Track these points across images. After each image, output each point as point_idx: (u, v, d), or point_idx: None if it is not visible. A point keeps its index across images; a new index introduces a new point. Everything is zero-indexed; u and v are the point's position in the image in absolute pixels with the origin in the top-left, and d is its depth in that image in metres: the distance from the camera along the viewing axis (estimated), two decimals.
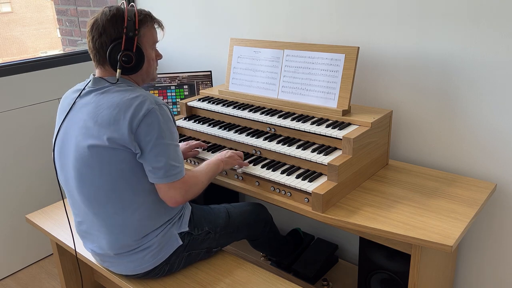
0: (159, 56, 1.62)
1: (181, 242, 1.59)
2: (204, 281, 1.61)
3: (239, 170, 1.75)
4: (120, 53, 1.45)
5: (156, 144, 1.41)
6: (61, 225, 1.99)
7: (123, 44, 1.44)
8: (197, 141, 1.98)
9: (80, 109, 1.49)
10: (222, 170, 1.72)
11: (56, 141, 1.55)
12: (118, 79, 1.49)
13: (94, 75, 1.55)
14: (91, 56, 1.52)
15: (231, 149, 1.92)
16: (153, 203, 1.52)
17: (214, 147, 1.97)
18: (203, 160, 1.89)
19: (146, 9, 1.57)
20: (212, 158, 1.72)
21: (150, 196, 1.50)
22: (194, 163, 1.94)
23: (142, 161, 1.44)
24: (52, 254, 2.67)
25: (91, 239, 1.62)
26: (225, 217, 1.74)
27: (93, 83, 1.51)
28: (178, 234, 1.59)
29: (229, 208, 1.80)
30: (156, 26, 1.57)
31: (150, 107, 1.40)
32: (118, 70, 1.47)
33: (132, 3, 1.52)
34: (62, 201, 2.19)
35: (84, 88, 1.52)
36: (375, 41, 1.94)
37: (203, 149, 1.96)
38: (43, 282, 2.49)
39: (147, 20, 1.52)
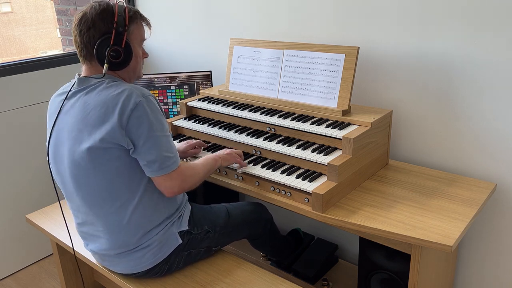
0: (145, 54, 1.62)
1: (180, 241, 1.60)
2: (204, 281, 1.61)
3: (239, 170, 1.75)
4: (109, 48, 1.43)
5: (148, 137, 1.41)
6: (61, 225, 1.99)
7: (112, 39, 1.43)
8: (197, 140, 1.98)
9: (68, 112, 1.49)
10: (220, 167, 1.72)
11: (49, 146, 1.55)
12: (104, 74, 1.47)
13: (79, 75, 1.54)
14: (77, 52, 1.50)
15: (230, 148, 1.92)
16: (151, 200, 1.52)
17: (214, 147, 1.97)
18: None
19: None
20: (210, 154, 1.73)
21: (147, 193, 1.51)
22: None
23: (136, 156, 1.44)
24: (52, 254, 2.67)
25: (92, 240, 1.62)
26: (225, 216, 1.74)
27: (78, 84, 1.49)
28: (178, 233, 1.60)
29: (229, 208, 1.80)
30: (144, 24, 1.58)
31: (137, 100, 1.40)
32: (105, 65, 1.45)
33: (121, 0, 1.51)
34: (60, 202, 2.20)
35: (70, 90, 1.51)
36: (375, 41, 1.94)
37: (203, 149, 1.96)
38: (43, 282, 2.49)
39: (136, 17, 1.52)
